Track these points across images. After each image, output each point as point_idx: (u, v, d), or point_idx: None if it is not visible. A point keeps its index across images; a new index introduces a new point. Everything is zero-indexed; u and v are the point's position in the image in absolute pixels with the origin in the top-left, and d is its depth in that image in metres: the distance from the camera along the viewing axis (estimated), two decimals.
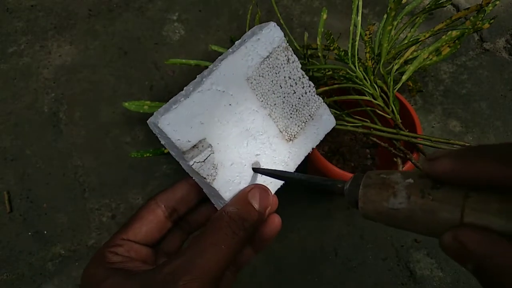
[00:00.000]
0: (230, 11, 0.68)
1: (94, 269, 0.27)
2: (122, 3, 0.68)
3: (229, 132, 0.30)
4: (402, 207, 0.20)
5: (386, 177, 0.21)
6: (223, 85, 0.29)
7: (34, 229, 0.53)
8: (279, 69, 0.31)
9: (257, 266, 0.50)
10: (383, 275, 0.50)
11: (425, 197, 0.19)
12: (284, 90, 0.32)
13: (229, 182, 0.29)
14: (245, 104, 0.30)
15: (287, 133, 0.32)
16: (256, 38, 0.30)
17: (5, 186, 0.55)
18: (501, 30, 0.67)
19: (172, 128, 0.27)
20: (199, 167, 0.28)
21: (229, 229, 0.27)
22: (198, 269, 0.25)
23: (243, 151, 0.30)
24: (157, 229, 0.30)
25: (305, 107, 0.33)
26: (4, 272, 0.50)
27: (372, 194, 0.22)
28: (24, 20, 0.66)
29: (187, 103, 0.28)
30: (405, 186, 0.20)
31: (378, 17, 0.68)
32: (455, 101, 0.61)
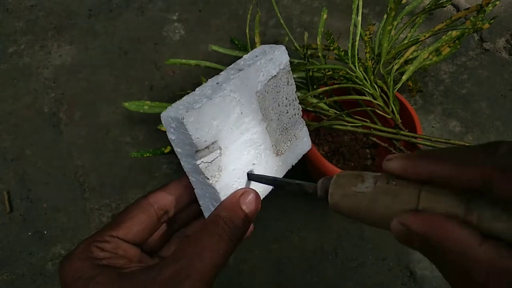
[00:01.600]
0: (230, 11, 0.68)
1: (79, 263, 0.27)
2: (122, 3, 0.68)
3: (236, 139, 0.31)
4: (368, 191, 0.22)
5: (359, 172, 0.24)
6: (239, 93, 0.31)
7: (34, 229, 0.53)
8: (280, 89, 0.34)
9: (257, 266, 0.50)
10: (383, 275, 0.50)
11: (389, 183, 0.22)
12: (281, 108, 0.35)
13: (228, 186, 0.31)
14: (251, 115, 0.32)
15: (276, 148, 0.35)
16: (269, 57, 0.33)
17: (5, 186, 0.55)
18: (501, 30, 0.67)
19: (194, 126, 0.28)
20: (206, 167, 0.29)
21: (225, 234, 0.27)
22: (199, 273, 0.25)
23: (244, 158, 0.32)
24: (148, 229, 0.30)
25: (292, 128, 0.36)
26: (4, 272, 0.50)
27: (343, 180, 0.24)
28: (24, 20, 0.66)
29: (209, 104, 0.28)
30: (373, 176, 0.23)
31: (378, 17, 0.68)
32: (455, 101, 0.61)
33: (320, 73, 0.47)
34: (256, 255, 0.51)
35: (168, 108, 0.29)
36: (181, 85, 0.62)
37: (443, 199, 0.20)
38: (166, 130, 0.29)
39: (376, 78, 0.45)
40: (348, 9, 0.68)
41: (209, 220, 0.28)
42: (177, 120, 0.27)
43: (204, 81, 0.51)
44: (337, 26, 0.66)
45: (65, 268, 0.27)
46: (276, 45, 0.34)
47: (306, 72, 0.46)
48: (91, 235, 0.29)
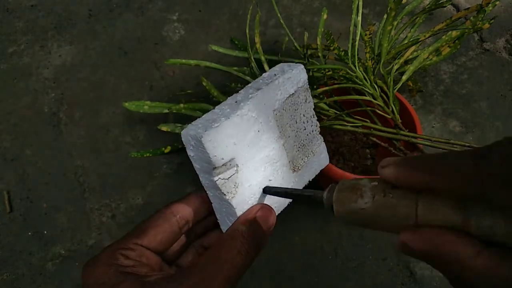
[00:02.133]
0: (230, 11, 0.68)
1: (104, 269, 0.27)
2: (122, 3, 0.68)
3: (253, 156, 0.32)
4: (368, 206, 0.23)
5: (355, 182, 0.24)
6: (256, 112, 0.32)
7: (34, 229, 0.53)
8: (298, 106, 0.35)
9: (257, 266, 0.50)
10: (383, 275, 0.50)
11: (386, 195, 0.22)
12: (298, 125, 0.35)
13: (244, 202, 0.31)
14: (269, 132, 0.33)
15: (293, 164, 0.35)
16: (287, 76, 0.34)
17: (5, 186, 0.55)
18: (501, 30, 0.67)
19: (212, 145, 0.29)
20: (223, 183, 0.30)
21: (243, 248, 0.28)
22: (218, 285, 0.26)
23: (260, 175, 0.33)
24: (170, 239, 0.31)
25: (309, 144, 0.37)
26: (4, 272, 0.50)
27: (344, 197, 0.24)
28: (24, 20, 0.66)
29: (227, 124, 0.30)
30: (369, 188, 0.23)
31: (378, 17, 0.68)
32: (455, 101, 0.61)
33: (320, 73, 0.47)
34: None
35: (188, 126, 0.30)
36: (181, 85, 0.62)
37: (440, 210, 0.20)
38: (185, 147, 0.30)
39: (376, 78, 0.45)
40: (348, 9, 0.68)
41: (227, 234, 0.29)
42: (196, 139, 0.29)
43: (204, 81, 0.51)
44: (337, 26, 0.66)
45: (89, 272, 0.28)
46: (295, 64, 0.35)
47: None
48: (116, 242, 0.30)
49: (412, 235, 0.21)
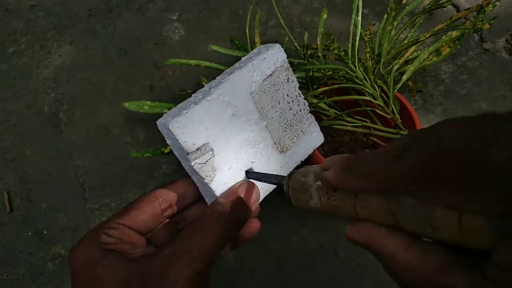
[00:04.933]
0: (230, 11, 0.68)
1: (88, 248, 0.28)
2: (122, 3, 0.68)
3: (230, 139, 0.32)
4: (318, 206, 0.25)
5: (303, 180, 0.26)
6: (229, 96, 0.32)
7: (34, 229, 0.53)
8: (279, 87, 0.35)
9: (257, 266, 0.50)
10: (383, 275, 0.50)
11: (329, 198, 0.24)
12: (282, 106, 0.35)
13: (225, 184, 0.32)
14: (246, 115, 0.33)
15: (280, 145, 0.35)
16: (262, 57, 0.33)
17: (5, 186, 0.55)
18: (501, 30, 0.67)
19: (181, 131, 0.30)
20: (200, 168, 0.31)
21: (222, 217, 0.29)
22: (197, 250, 0.27)
23: (240, 157, 0.33)
24: (152, 220, 0.32)
25: (298, 123, 0.36)
26: (4, 272, 0.50)
27: (297, 196, 0.27)
28: (24, 20, 0.66)
29: (196, 110, 0.30)
30: (315, 189, 0.25)
31: (378, 17, 0.68)
32: (455, 101, 0.61)
33: (320, 73, 0.47)
34: (256, 255, 0.51)
35: (164, 115, 0.31)
36: (181, 85, 0.62)
37: (375, 209, 0.21)
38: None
39: (376, 78, 0.45)
40: (348, 9, 0.68)
41: (209, 206, 0.31)
42: (166, 127, 0.30)
43: (204, 81, 0.51)
44: (337, 26, 0.66)
45: (74, 254, 0.29)
46: (272, 44, 0.35)
47: (306, 72, 0.46)
48: (99, 224, 0.31)
49: (351, 229, 0.23)
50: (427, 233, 0.19)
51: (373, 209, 0.21)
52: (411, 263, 0.19)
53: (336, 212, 0.24)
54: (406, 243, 0.20)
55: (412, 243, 0.20)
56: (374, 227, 0.21)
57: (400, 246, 0.20)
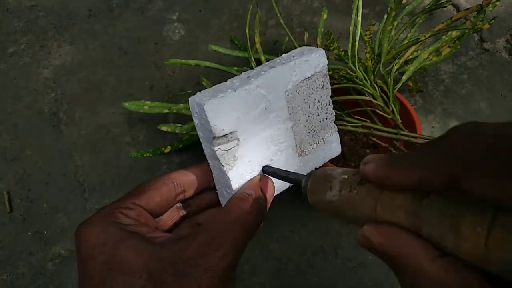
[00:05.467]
0: (230, 11, 0.68)
1: (104, 228, 0.27)
2: (122, 3, 0.68)
3: (257, 133, 0.32)
4: (335, 199, 0.23)
5: (328, 173, 0.25)
6: (266, 89, 0.32)
7: (34, 229, 0.53)
8: (313, 91, 0.35)
9: (257, 265, 0.50)
10: (383, 275, 0.50)
11: (351, 191, 0.22)
12: (311, 110, 0.35)
13: (241, 176, 0.32)
14: (277, 112, 0.33)
15: (300, 149, 0.35)
16: (305, 58, 0.33)
17: (5, 186, 0.55)
18: (501, 30, 0.67)
19: (214, 114, 0.29)
20: (222, 154, 0.31)
21: (253, 209, 0.29)
22: (231, 241, 0.26)
23: (261, 153, 0.33)
24: (166, 203, 0.31)
25: (321, 131, 0.36)
26: (4, 272, 0.50)
27: (316, 187, 0.25)
28: (24, 20, 0.66)
29: (232, 96, 0.30)
30: (339, 181, 0.23)
31: (378, 17, 0.68)
32: (455, 101, 0.61)
33: None
34: (256, 255, 0.51)
35: (197, 93, 0.31)
36: (181, 85, 0.62)
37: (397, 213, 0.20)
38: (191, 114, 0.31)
39: (376, 78, 0.45)
40: (348, 9, 0.68)
41: (236, 198, 0.30)
42: (199, 106, 0.29)
43: (204, 81, 0.51)
44: (337, 26, 0.66)
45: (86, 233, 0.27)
46: (316, 48, 0.35)
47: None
48: (113, 202, 0.29)
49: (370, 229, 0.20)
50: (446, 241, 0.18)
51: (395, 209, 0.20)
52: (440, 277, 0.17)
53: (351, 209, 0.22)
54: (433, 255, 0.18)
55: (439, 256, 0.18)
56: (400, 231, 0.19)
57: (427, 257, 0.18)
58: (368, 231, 0.20)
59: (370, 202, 0.21)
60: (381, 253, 0.20)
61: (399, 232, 0.19)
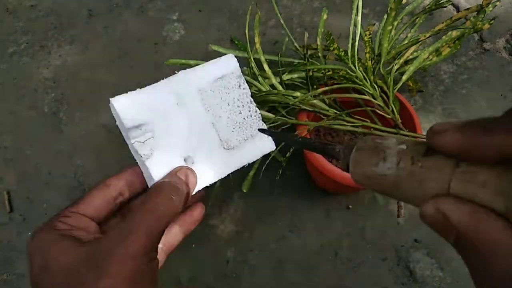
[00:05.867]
0: (230, 11, 0.68)
1: (43, 236, 0.30)
2: (122, 3, 0.68)
3: (171, 124, 0.35)
4: (390, 173, 0.19)
5: (380, 142, 0.21)
6: (176, 87, 0.36)
7: (34, 229, 0.52)
8: (229, 90, 0.39)
9: (257, 266, 0.50)
10: (383, 275, 0.50)
11: (414, 163, 0.18)
12: (231, 108, 0.39)
13: (160, 165, 0.34)
14: (191, 108, 0.37)
15: (226, 143, 0.38)
16: (214, 61, 0.39)
17: (5, 186, 0.55)
18: (501, 30, 0.67)
19: (122, 108, 0.34)
20: (139, 146, 0.34)
21: (167, 194, 0.31)
22: (142, 226, 0.28)
23: (180, 144, 0.36)
24: (105, 207, 0.34)
25: (248, 128, 0.39)
26: (4, 272, 0.50)
27: (363, 157, 0.21)
28: (24, 20, 0.66)
29: (139, 92, 0.35)
30: (396, 151, 0.20)
31: (378, 17, 0.68)
32: (455, 101, 0.61)
33: (320, 73, 0.47)
34: (256, 255, 0.51)
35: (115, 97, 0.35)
36: None
37: (481, 185, 0.16)
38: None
39: (376, 78, 0.45)
40: (348, 9, 0.68)
41: (150, 188, 0.33)
42: (112, 105, 0.34)
43: None
44: (337, 26, 0.66)
45: (30, 241, 0.31)
46: (228, 55, 0.40)
47: (306, 72, 0.46)
48: (56, 214, 0.33)
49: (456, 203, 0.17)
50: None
51: (478, 186, 0.16)
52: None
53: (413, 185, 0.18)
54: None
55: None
56: (490, 213, 0.16)
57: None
58: (448, 205, 0.17)
59: (442, 176, 0.17)
60: (459, 236, 0.17)
61: (489, 214, 0.16)
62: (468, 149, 0.16)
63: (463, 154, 0.17)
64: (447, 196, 0.17)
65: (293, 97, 0.44)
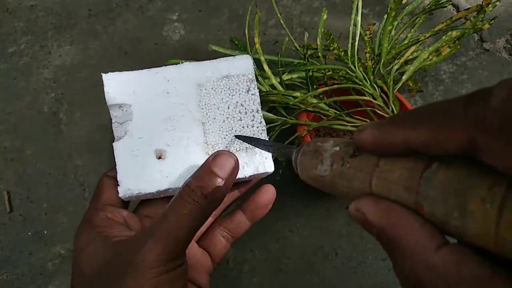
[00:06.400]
0: (230, 11, 0.68)
1: (81, 235, 0.30)
2: (122, 3, 0.68)
3: (153, 112, 0.33)
4: (326, 174, 0.21)
5: (320, 145, 0.23)
6: (171, 76, 0.34)
7: (34, 229, 0.53)
8: (234, 93, 0.35)
9: (257, 266, 0.50)
10: (383, 275, 0.50)
11: (344, 165, 0.20)
12: (231, 112, 0.34)
13: (127, 150, 0.33)
14: (182, 100, 0.34)
15: (212, 149, 0.34)
16: (224, 59, 0.35)
17: (5, 186, 0.55)
18: (501, 30, 0.67)
19: (109, 83, 0.33)
20: (116, 127, 0.34)
21: (189, 198, 0.28)
22: (162, 232, 0.27)
23: (156, 134, 0.33)
24: None
25: None
26: (4, 272, 0.50)
27: (306, 160, 0.23)
28: (24, 20, 0.66)
29: (133, 73, 0.34)
30: (330, 154, 0.21)
31: (378, 17, 0.68)
32: None
33: (320, 73, 0.47)
34: (256, 255, 0.51)
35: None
36: None
37: (393, 188, 0.17)
38: None
39: (376, 78, 0.45)
40: (348, 9, 0.68)
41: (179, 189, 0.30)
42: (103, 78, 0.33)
43: None
44: (337, 26, 0.66)
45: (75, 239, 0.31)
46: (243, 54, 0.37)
47: (306, 72, 0.46)
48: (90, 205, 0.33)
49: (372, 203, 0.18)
50: (451, 221, 0.15)
51: (393, 183, 0.17)
52: (443, 267, 0.15)
53: (343, 185, 0.20)
54: (438, 242, 0.16)
55: (445, 244, 0.16)
56: (401, 210, 0.17)
57: (431, 244, 0.16)
58: (365, 206, 0.18)
59: (364, 176, 0.19)
60: (377, 233, 0.18)
61: (401, 211, 0.17)
62: (381, 143, 0.18)
63: (378, 149, 0.18)
64: (367, 196, 0.19)
65: (293, 97, 0.44)
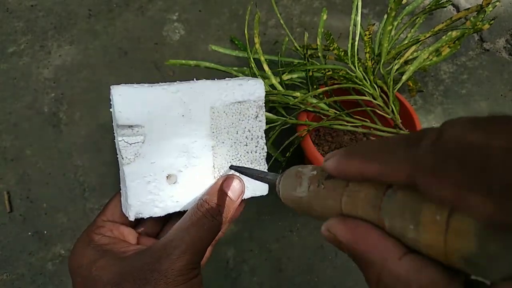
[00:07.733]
0: (230, 11, 0.68)
1: (82, 251, 0.30)
2: (122, 3, 0.68)
3: (168, 136, 0.31)
4: (304, 195, 0.23)
5: (300, 170, 0.24)
6: (188, 97, 0.31)
7: (34, 229, 0.53)
8: (244, 118, 0.34)
9: (257, 266, 0.50)
10: None
11: (319, 185, 0.22)
12: (239, 137, 0.34)
13: (139, 175, 0.31)
14: (197, 124, 0.32)
15: (218, 172, 0.34)
16: (239, 82, 0.33)
17: (5, 186, 0.55)
18: (501, 30, 0.67)
19: (121, 100, 0.30)
20: (124, 146, 0.30)
21: (209, 214, 0.31)
22: (187, 244, 0.29)
23: (169, 159, 0.32)
24: None
25: (247, 163, 0.35)
26: (4, 272, 0.50)
27: (287, 183, 0.25)
28: (24, 20, 0.66)
29: (146, 89, 0.30)
30: (308, 177, 0.23)
31: (378, 17, 0.68)
32: (455, 101, 0.61)
33: (320, 73, 0.47)
34: (256, 255, 0.51)
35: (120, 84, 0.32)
36: None
37: (360, 205, 0.19)
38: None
39: (376, 78, 0.45)
40: (348, 9, 0.68)
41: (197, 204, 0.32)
42: (111, 93, 0.30)
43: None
44: (337, 26, 0.66)
45: (71, 258, 0.31)
46: (257, 79, 0.35)
47: (306, 72, 0.46)
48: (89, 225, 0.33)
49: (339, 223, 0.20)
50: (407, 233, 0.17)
51: (360, 202, 0.19)
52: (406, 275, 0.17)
53: (319, 204, 0.22)
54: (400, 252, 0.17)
55: (406, 254, 0.17)
56: (366, 226, 0.19)
57: (394, 255, 0.17)
58: (334, 226, 0.20)
59: (336, 196, 0.20)
60: (347, 249, 0.19)
61: (365, 227, 0.19)
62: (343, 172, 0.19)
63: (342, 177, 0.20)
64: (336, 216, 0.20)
65: (293, 97, 0.44)
